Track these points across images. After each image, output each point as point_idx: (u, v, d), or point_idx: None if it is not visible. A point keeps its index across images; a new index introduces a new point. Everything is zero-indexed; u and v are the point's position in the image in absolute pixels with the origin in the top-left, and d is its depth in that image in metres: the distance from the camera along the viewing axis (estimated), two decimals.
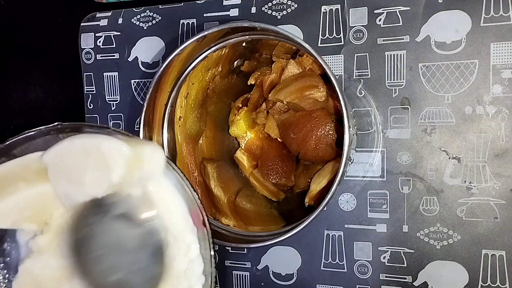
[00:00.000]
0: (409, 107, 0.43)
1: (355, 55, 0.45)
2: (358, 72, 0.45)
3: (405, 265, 0.43)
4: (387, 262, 0.44)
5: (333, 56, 0.45)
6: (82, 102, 0.55)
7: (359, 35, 0.45)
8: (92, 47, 0.54)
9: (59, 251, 0.29)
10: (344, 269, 0.45)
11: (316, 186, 0.41)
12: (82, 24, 0.54)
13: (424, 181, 0.43)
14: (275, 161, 0.45)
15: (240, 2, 0.48)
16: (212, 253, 0.28)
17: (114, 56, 0.53)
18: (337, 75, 0.45)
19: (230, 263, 0.49)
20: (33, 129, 0.28)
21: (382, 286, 0.44)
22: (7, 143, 0.29)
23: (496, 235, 0.41)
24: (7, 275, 0.31)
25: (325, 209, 0.36)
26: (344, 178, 0.45)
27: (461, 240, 0.42)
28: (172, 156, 0.45)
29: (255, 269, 0.48)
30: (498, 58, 0.41)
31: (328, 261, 0.46)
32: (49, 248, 0.30)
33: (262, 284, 0.48)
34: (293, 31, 0.46)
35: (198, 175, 0.47)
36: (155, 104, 0.43)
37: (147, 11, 0.52)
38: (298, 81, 0.42)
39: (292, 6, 0.47)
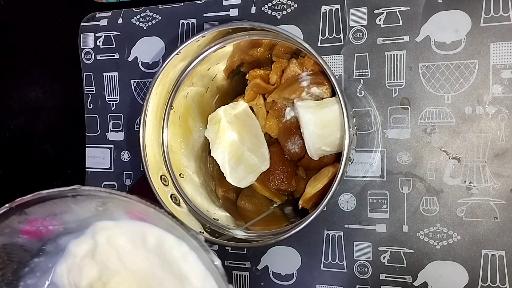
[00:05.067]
0: (409, 107, 0.43)
1: (355, 55, 0.45)
2: (358, 72, 0.45)
3: (405, 265, 0.43)
4: (387, 262, 0.44)
5: (333, 56, 0.45)
6: (82, 102, 0.55)
7: (359, 35, 0.45)
8: (92, 47, 0.54)
9: None
10: (344, 269, 0.45)
11: (311, 189, 0.41)
12: (82, 24, 0.54)
13: (424, 181, 0.43)
14: (276, 167, 0.45)
15: (240, 2, 0.48)
16: None
17: (114, 56, 0.53)
18: (337, 75, 0.45)
19: (230, 263, 0.49)
20: (48, 190, 0.27)
21: (382, 286, 0.44)
22: (18, 203, 0.27)
23: (496, 235, 0.41)
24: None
25: (325, 209, 0.36)
26: (344, 178, 0.45)
27: (461, 240, 0.42)
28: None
29: (255, 269, 0.48)
30: (498, 58, 0.41)
31: (328, 261, 0.46)
32: None
33: (262, 284, 0.48)
34: (293, 31, 0.46)
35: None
36: (155, 104, 0.43)
37: (147, 11, 0.52)
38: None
39: (292, 6, 0.47)
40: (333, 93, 0.41)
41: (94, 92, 0.54)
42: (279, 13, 0.47)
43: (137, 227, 0.29)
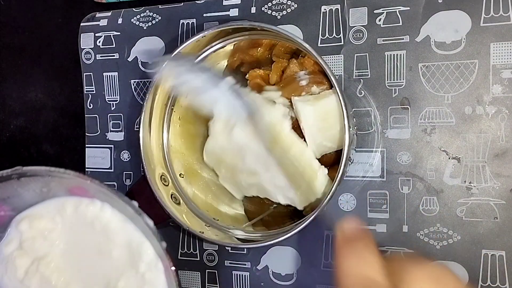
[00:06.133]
0: (409, 107, 0.43)
1: (355, 55, 0.45)
2: (358, 72, 0.45)
3: None
4: None
5: (333, 56, 0.45)
6: (82, 102, 0.55)
7: (359, 35, 0.45)
8: (92, 47, 0.54)
9: None
10: None
11: None
12: (82, 24, 0.54)
13: (424, 181, 0.43)
14: None
15: (240, 2, 0.48)
16: None
17: (114, 56, 0.53)
18: (337, 75, 0.45)
19: (230, 263, 0.49)
20: None
21: None
22: None
23: (496, 235, 0.41)
24: None
25: (325, 209, 0.36)
26: (344, 178, 0.45)
27: (461, 240, 0.42)
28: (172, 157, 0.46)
29: (255, 269, 0.48)
30: (498, 58, 0.41)
31: (328, 261, 0.46)
32: None
33: (262, 284, 0.48)
34: (293, 31, 0.46)
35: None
36: (155, 104, 0.43)
37: (147, 11, 0.52)
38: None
39: (292, 6, 0.47)
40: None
41: (94, 92, 0.54)
42: (279, 13, 0.47)
43: (55, 204, 0.31)
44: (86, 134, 0.54)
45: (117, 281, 0.30)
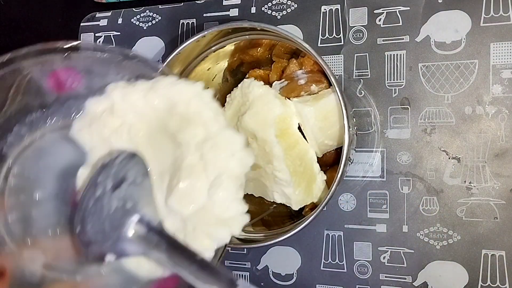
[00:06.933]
0: (409, 107, 0.43)
1: (355, 55, 0.45)
2: (358, 72, 0.45)
3: (405, 265, 0.43)
4: (387, 262, 0.44)
5: (333, 56, 0.45)
6: None
7: (359, 35, 0.45)
8: None
9: None
10: (344, 269, 0.45)
11: None
12: (82, 24, 0.54)
13: (424, 181, 0.43)
14: None
15: (240, 2, 0.48)
16: None
17: None
18: (337, 75, 0.45)
19: (230, 263, 0.49)
20: (48, 43, 0.27)
21: (382, 286, 0.44)
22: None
23: (496, 235, 0.41)
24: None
25: (325, 209, 0.36)
26: (344, 178, 0.45)
27: (461, 240, 0.42)
28: None
29: (255, 269, 0.48)
30: (498, 58, 0.41)
31: (328, 261, 0.46)
32: None
33: (262, 284, 0.48)
34: (293, 31, 0.46)
35: None
36: None
37: (147, 11, 0.52)
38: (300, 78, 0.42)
39: (292, 6, 0.47)
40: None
41: None
42: (279, 13, 0.47)
43: (148, 83, 0.29)
44: None
45: (207, 150, 0.28)
